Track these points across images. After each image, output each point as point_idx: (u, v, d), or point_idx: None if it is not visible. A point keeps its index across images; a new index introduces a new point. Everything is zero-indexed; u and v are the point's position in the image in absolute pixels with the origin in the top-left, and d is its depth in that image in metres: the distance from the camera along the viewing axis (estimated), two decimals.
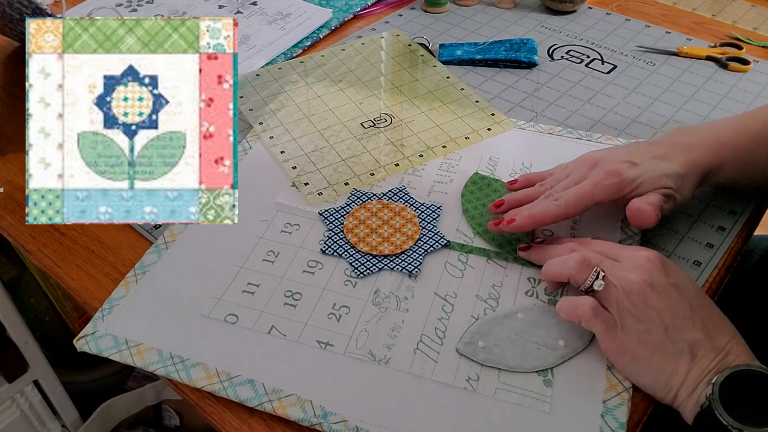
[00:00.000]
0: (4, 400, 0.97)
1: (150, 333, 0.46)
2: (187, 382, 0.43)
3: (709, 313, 0.42)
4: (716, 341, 0.41)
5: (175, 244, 0.53)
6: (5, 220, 0.57)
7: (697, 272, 0.51)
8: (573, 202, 0.48)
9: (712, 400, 0.38)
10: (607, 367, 0.43)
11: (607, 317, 0.42)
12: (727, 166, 0.52)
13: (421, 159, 0.61)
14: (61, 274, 0.52)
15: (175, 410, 1.14)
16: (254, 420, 0.42)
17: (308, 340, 0.46)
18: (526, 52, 0.75)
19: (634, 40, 0.81)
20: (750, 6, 0.89)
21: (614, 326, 0.42)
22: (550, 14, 0.87)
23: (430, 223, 0.54)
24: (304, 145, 0.62)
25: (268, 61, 0.76)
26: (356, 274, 0.50)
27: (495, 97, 0.70)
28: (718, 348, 0.40)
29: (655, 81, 0.73)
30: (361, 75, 0.72)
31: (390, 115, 0.66)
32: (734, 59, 0.75)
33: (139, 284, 0.49)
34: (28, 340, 0.95)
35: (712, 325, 0.41)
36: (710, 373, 0.40)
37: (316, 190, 0.57)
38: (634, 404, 0.42)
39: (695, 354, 0.40)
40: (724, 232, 0.55)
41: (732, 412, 0.37)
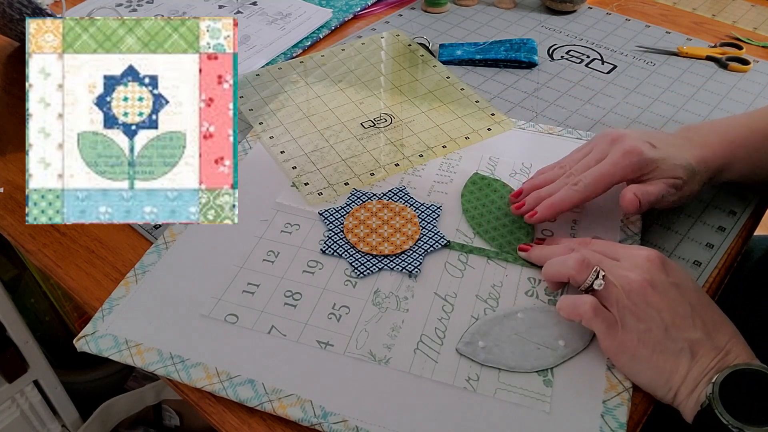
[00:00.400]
0: (4, 400, 0.97)
1: (150, 333, 0.46)
2: (187, 382, 0.43)
3: (710, 312, 0.42)
4: (716, 340, 0.41)
5: (175, 244, 0.53)
6: (5, 220, 0.57)
7: (697, 272, 0.51)
8: (592, 184, 0.49)
9: (713, 399, 0.38)
10: (607, 367, 0.43)
11: (607, 316, 0.42)
12: (737, 163, 0.52)
13: (421, 159, 0.61)
14: (61, 274, 0.52)
15: (175, 410, 1.14)
16: (254, 420, 0.42)
17: (308, 340, 0.46)
18: (526, 52, 0.75)
19: (634, 40, 0.81)
20: (750, 6, 0.89)
21: (615, 325, 0.42)
22: (550, 14, 0.87)
23: (430, 223, 0.54)
24: (304, 145, 0.62)
25: (268, 61, 0.76)
26: (356, 274, 0.50)
27: (495, 97, 0.70)
28: (718, 347, 0.40)
29: (655, 81, 0.73)
30: (361, 75, 0.72)
31: (390, 115, 0.66)
32: (734, 59, 0.75)
33: (139, 284, 0.49)
34: (28, 340, 0.95)
35: (713, 325, 0.41)
36: (710, 372, 0.40)
37: (316, 190, 0.57)
38: (634, 404, 0.42)
39: (695, 353, 0.40)
40: (724, 232, 0.55)
41: (732, 412, 0.37)
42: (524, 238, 0.52)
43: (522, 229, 0.53)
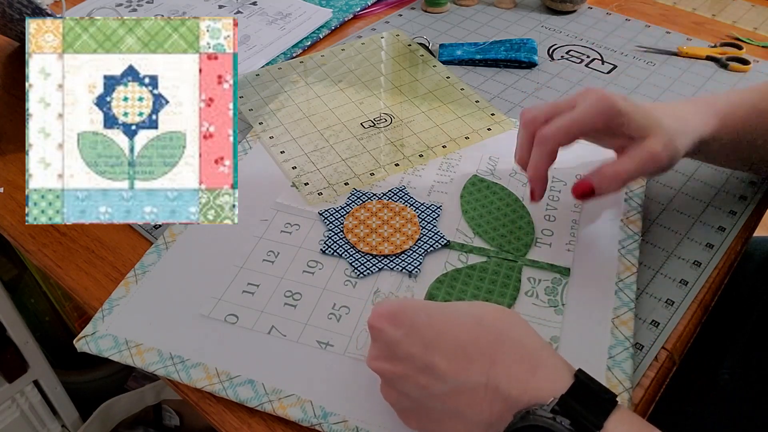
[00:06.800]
0: (4, 400, 0.97)
1: (150, 333, 0.46)
2: (187, 383, 0.43)
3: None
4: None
5: (175, 244, 0.53)
6: (5, 220, 0.57)
7: (697, 272, 0.51)
8: (559, 132, 0.46)
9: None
10: (607, 367, 0.43)
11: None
12: (721, 134, 0.50)
13: (421, 159, 0.61)
14: (61, 274, 0.52)
15: (175, 410, 1.14)
16: (254, 420, 0.42)
17: (308, 341, 0.46)
18: (526, 52, 0.75)
19: (634, 40, 0.81)
20: (750, 6, 0.89)
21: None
22: (550, 14, 0.87)
23: (430, 223, 0.54)
24: (304, 145, 0.62)
25: (268, 61, 0.76)
26: (356, 274, 0.50)
27: (495, 97, 0.70)
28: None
29: (655, 81, 0.73)
30: (361, 75, 0.72)
31: (390, 115, 0.66)
32: (734, 59, 0.75)
33: (139, 284, 0.49)
34: (28, 340, 0.95)
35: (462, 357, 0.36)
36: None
37: (316, 190, 0.57)
38: (634, 404, 0.42)
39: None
40: (724, 233, 0.55)
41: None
42: (524, 238, 0.52)
43: (522, 229, 0.53)
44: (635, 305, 0.47)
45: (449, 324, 0.37)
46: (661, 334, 0.47)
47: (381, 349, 0.38)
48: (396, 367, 0.37)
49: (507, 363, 0.35)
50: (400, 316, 0.37)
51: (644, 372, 0.44)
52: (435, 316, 0.37)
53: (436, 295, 0.48)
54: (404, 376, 0.37)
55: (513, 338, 0.36)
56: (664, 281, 0.51)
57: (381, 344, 0.38)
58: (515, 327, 0.37)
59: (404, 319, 0.37)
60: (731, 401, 0.62)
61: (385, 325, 0.37)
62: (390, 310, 0.38)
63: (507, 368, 0.35)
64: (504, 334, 0.36)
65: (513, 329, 0.36)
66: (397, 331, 0.37)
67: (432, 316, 0.37)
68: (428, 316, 0.37)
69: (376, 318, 0.38)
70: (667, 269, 0.51)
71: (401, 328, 0.37)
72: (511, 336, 0.36)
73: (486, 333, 0.36)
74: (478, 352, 0.35)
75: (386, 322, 0.37)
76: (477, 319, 0.36)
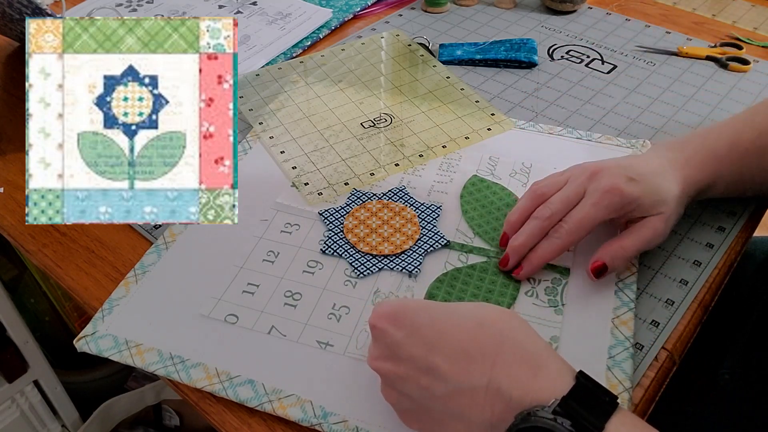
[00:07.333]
0: (4, 400, 0.97)
1: (150, 333, 0.46)
2: (187, 383, 0.43)
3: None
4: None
5: (175, 244, 0.53)
6: (5, 220, 0.57)
7: (697, 272, 0.51)
8: (574, 230, 0.47)
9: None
10: (607, 367, 0.43)
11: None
12: (721, 180, 0.51)
13: (421, 159, 0.61)
14: (61, 274, 0.52)
15: (175, 410, 1.14)
16: (254, 420, 0.42)
17: (308, 340, 0.46)
18: (526, 52, 0.75)
19: (634, 40, 0.81)
20: (750, 6, 0.89)
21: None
22: (550, 14, 0.87)
23: (430, 223, 0.54)
24: (304, 145, 0.62)
25: (268, 61, 0.76)
26: (356, 274, 0.50)
27: (495, 97, 0.70)
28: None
29: (655, 81, 0.73)
30: (361, 75, 0.72)
31: (390, 115, 0.66)
32: (734, 59, 0.75)
33: (139, 284, 0.49)
34: (28, 340, 0.95)
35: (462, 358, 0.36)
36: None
37: (316, 190, 0.57)
38: (634, 404, 0.42)
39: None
40: (724, 233, 0.55)
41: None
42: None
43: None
44: (635, 305, 0.47)
45: (451, 325, 0.37)
46: (661, 334, 0.47)
47: (382, 349, 0.38)
48: (397, 368, 0.37)
49: (508, 364, 0.35)
50: (401, 316, 0.37)
51: (644, 372, 0.44)
52: (436, 317, 0.37)
53: (436, 295, 0.48)
54: (405, 377, 0.37)
55: (514, 340, 0.36)
56: (664, 281, 0.51)
57: (382, 344, 0.38)
58: (516, 329, 0.37)
59: (405, 319, 0.37)
60: (731, 401, 0.62)
61: (387, 326, 0.37)
62: (391, 310, 0.38)
63: (508, 370, 0.35)
64: (505, 335, 0.36)
65: (514, 331, 0.36)
66: (398, 332, 0.37)
67: (433, 317, 0.37)
68: (429, 317, 0.37)
69: (377, 318, 0.38)
70: (667, 269, 0.51)
71: (402, 328, 0.37)
72: (512, 337, 0.36)
73: (487, 334, 0.36)
74: (479, 353, 0.35)
75: (387, 323, 0.37)
76: (478, 321, 0.37)
